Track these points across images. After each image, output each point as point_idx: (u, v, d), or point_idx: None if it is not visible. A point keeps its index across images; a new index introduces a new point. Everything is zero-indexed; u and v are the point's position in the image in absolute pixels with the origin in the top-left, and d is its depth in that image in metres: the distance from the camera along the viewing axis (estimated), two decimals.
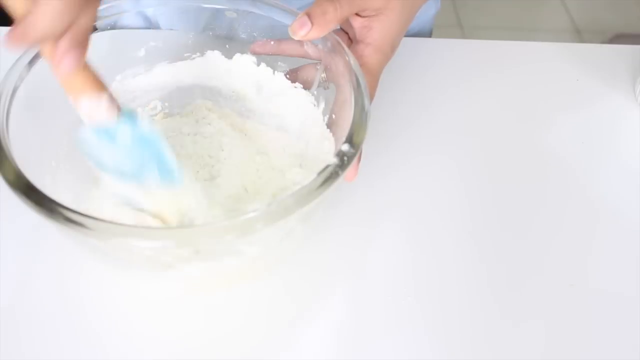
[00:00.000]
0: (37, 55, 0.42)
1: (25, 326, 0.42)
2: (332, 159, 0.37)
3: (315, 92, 0.48)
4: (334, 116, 0.45)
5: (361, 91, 0.41)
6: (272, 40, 0.49)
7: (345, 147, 0.38)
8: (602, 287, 0.46)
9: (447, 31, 1.84)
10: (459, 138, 0.56)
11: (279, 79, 0.50)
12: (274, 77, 0.50)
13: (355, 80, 0.42)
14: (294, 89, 0.49)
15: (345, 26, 0.49)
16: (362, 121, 0.40)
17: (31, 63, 0.42)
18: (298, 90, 0.49)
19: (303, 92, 0.49)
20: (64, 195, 0.38)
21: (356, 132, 0.39)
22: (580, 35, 1.89)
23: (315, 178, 0.36)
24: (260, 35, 0.49)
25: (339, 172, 0.37)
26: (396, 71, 0.59)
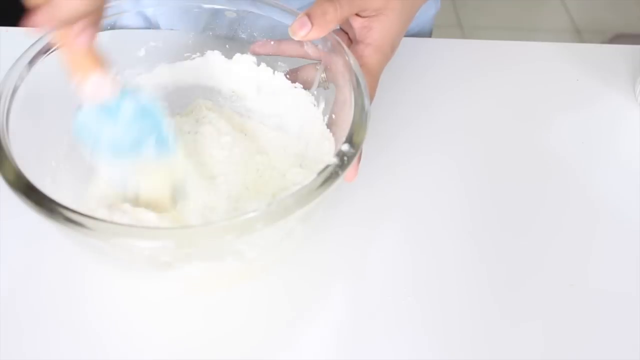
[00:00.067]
0: (37, 55, 0.42)
1: (25, 326, 0.42)
2: (332, 159, 0.37)
3: (315, 92, 0.48)
4: (334, 116, 0.45)
5: (361, 91, 0.41)
6: (272, 41, 0.49)
7: (345, 147, 0.38)
8: (602, 287, 0.46)
9: (447, 31, 1.84)
10: (459, 138, 0.56)
11: (279, 79, 0.50)
12: (274, 77, 0.50)
13: (355, 81, 0.42)
14: (294, 89, 0.49)
15: (345, 26, 0.49)
16: (362, 121, 0.40)
17: (31, 63, 0.42)
18: (298, 90, 0.49)
19: (303, 92, 0.49)
20: (64, 195, 0.38)
21: (356, 132, 0.39)
22: (580, 35, 1.89)
23: (315, 178, 0.36)
24: (260, 35, 0.49)
25: (339, 172, 0.37)
26: (396, 71, 0.59)
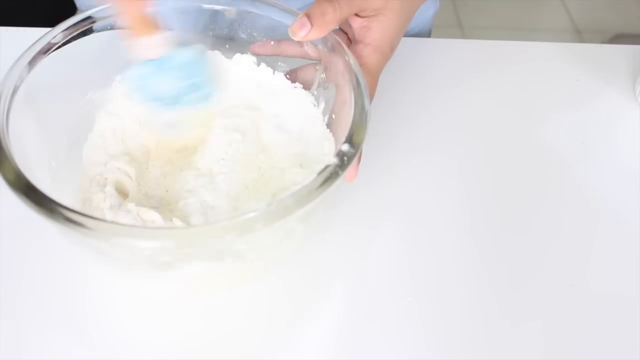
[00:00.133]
0: (37, 55, 0.42)
1: (25, 326, 0.42)
2: (332, 159, 0.37)
3: (315, 92, 0.48)
4: (334, 116, 0.45)
5: (361, 91, 0.41)
6: (272, 41, 0.49)
7: (345, 147, 0.38)
8: (602, 287, 0.46)
9: (447, 31, 1.84)
10: (458, 138, 0.56)
11: (279, 79, 0.50)
12: (274, 77, 0.50)
13: (355, 80, 0.42)
14: (294, 89, 0.49)
15: (345, 26, 0.49)
16: (362, 121, 0.40)
17: (31, 63, 0.42)
18: (298, 90, 0.49)
19: (303, 92, 0.49)
20: (64, 195, 0.38)
21: (356, 132, 0.39)
22: (580, 35, 1.89)
23: (315, 178, 0.36)
24: (260, 35, 0.49)
25: (339, 172, 0.37)
26: (396, 71, 0.59)
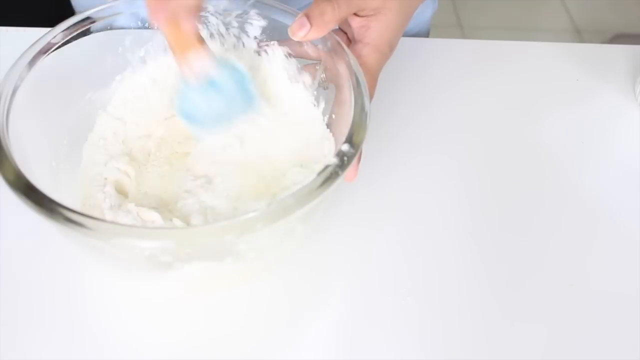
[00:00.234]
0: (37, 55, 0.42)
1: (25, 326, 0.42)
2: (332, 159, 0.37)
3: (315, 92, 0.48)
4: (334, 116, 0.45)
5: (361, 91, 0.41)
6: (272, 41, 0.49)
7: (345, 147, 0.38)
8: (602, 287, 0.46)
9: (447, 31, 1.84)
10: (458, 138, 0.56)
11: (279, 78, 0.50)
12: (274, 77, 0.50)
13: (355, 80, 0.42)
14: (294, 89, 0.49)
15: (344, 26, 0.49)
16: (362, 121, 0.40)
17: (31, 63, 0.42)
18: (298, 90, 0.49)
19: (303, 92, 0.49)
20: (64, 195, 0.38)
21: (356, 132, 0.39)
22: (580, 35, 1.89)
23: (315, 178, 0.36)
24: (260, 36, 0.49)
25: (339, 172, 0.37)
26: (395, 71, 0.59)
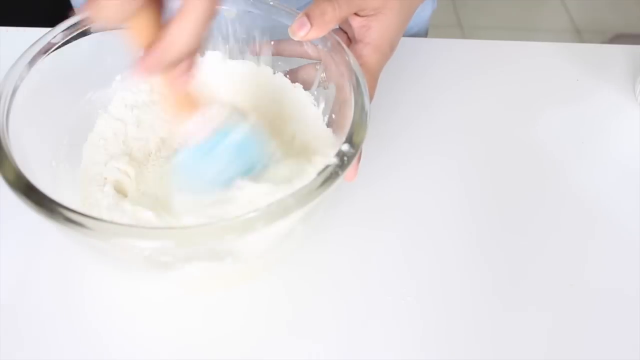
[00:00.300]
0: (37, 55, 0.42)
1: (25, 326, 0.42)
2: (332, 159, 0.37)
3: (315, 92, 0.48)
4: (334, 116, 0.45)
5: (361, 91, 0.41)
6: (272, 41, 0.49)
7: (345, 147, 0.38)
8: (602, 287, 0.46)
9: (447, 31, 1.84)
10: (458, 138, 0.56)
11: (279, 79, 0.50)
12: (274, 77, 0.50)
13: (355, 80, 0.42)
14: (294, 89, 0.49)
15: (344, 26, 0.49)
16: (362, 121, 0.40)
17: (31, 63, 0.42)
18: (298, 90, 0.49)
19: (303, 92, 0.49)
20: (64, 195, 0.38)
21: (356, 132, 0.39)
22: (580, 35, 1.89)
23: (315, 178, 0.36)
24: (260, 35, 0.49)
25: (339, 172, 0.37)
26: (396, 71, 0.59)
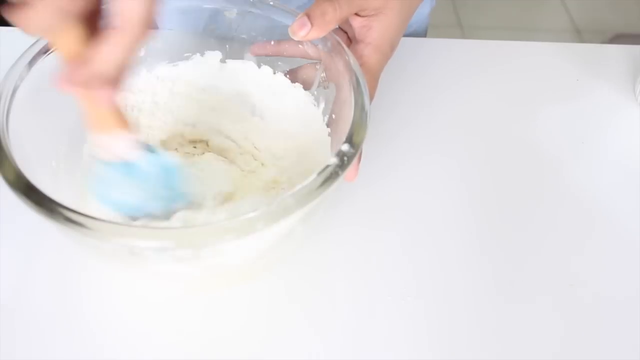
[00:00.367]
0: (37, 55, 0.42)
1: (25, 326, 0.42)
2: (332, 159, 0.37)
3: (315, 92, 0.48)
4: (334, 116, 0.45)
5: (361, 91, 0.41)
6: (272, 41, 0.49)
7: (345, 147, 0.38)
8: (602, 287, 0.46)
9: (447, 31, 1.84)
10: (458, 138, 0.56)
11: (279, 79, 0.50)
12: (274, 77, 0.50)
13: (355, 80, 0.42)
14: (294, 89, 0.49)
15: (345, 26, 0.49)
16: (362, 121, 0.40)
17: (31, 63, 0.42)
18: (298, 90, 0.49)
19: (303, 92, 0.49)
20: (64, 195, 0.38)
21: (356, 132, 0.39)
22: (580, 35, 1.89)
23: (315, 178, 0.36)
24: (260, 35, 0.49)
25: (339, 172, 0.37)
26: (396, 71, 0.59)
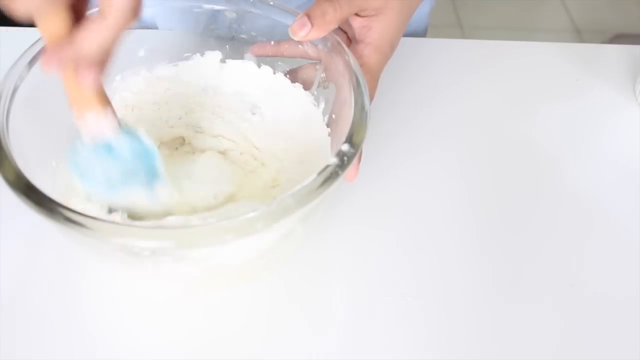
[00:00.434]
0: (37, 55, 0.42)
1: (25, 326, 0.42)
2: (332, 159, 0.37)
3: (315, 92, 0.48)
4: (334, 116, 0.45)
5: (361, 91, 0.41)
6: (272, 41, 0.49)
7: (345, 147, 0.38)
8: (602, 287, 0.46)
9: (447, 31, 1.84)
10: (458, 137, 0.56)
11: (279, 79, 0.50)
12: (274, 77, 0.50)
13: (355, 80, 0.42)
14: (293, 89, 0.49)
15: (345, 26, 0.49)
16: (362, 121, 0.40)
17: (31, 63, 0.42)
18: (298, 90, 0.49)
19: (303, 92, 0.49)
20: (64, 195, 0.38)
21: (356, 132, 0.39)
22: (580, 35, 1.89)
23: (315, 178, 0.36)
24: (260, 35, 0.49)
25: (339, 172, 0.37)
26: (395, 71, 0.59)
